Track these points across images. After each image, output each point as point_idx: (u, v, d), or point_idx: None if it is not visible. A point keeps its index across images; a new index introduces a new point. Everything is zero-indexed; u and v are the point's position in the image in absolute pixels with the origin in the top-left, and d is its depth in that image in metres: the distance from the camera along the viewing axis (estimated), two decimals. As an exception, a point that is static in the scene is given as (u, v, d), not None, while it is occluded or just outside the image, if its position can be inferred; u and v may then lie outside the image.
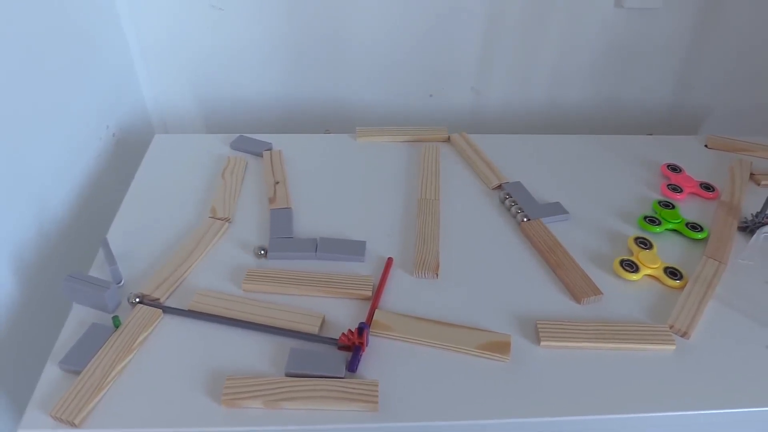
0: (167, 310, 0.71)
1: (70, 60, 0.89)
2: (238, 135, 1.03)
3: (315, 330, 0.69)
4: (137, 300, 0.72)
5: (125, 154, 1.06)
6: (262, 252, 0.78)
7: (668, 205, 0.90)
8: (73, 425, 0.59)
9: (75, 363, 0.64)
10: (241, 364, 0.66)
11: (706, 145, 1.07)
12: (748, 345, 0.71)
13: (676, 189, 0.94)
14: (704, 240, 0.85)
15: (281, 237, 0.82)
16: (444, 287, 0.77)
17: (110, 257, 0.77)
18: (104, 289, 0.70)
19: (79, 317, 0.71)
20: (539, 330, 0.70)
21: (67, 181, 0.88)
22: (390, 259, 0.79)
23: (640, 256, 0.80)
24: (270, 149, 1.01)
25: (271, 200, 0.89)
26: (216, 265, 0.79)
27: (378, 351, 0.68)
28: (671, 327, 0.72)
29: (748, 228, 0.87)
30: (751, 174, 0.99)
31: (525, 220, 0.86)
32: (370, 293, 0.74)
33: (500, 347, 0.68)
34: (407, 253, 0.81)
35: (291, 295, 0.74)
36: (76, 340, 0.66)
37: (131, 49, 1.11)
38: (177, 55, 1.13)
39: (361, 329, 0.66)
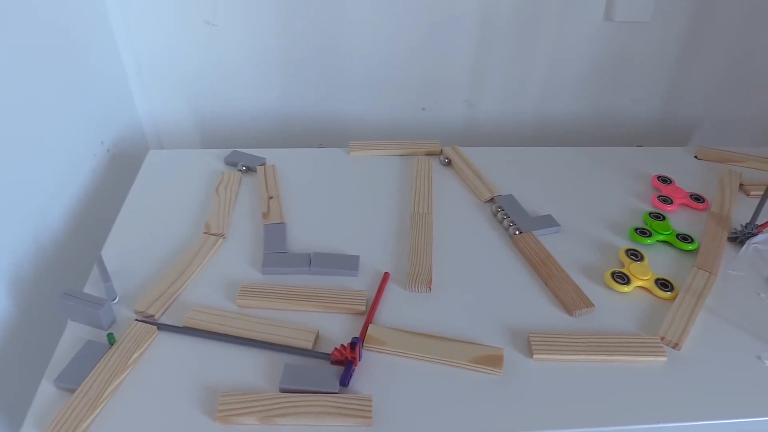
0: (162, 326, 0.72)
1: (64, 76, 0.90)
2: (232, 150, 1.04)
3: (309, 345, 0.69)
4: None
5: (120, 169, 1.06)
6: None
7: (659, 217, 0.91)
8: (68, 443, 0.59)
9: (70, 381, 0.64)
10: (235, 379, 0.66)
11: (695, 156, 1.08)
12: (739, 355, 0.71)
13: (666, 200, 0.95)
14: (695, 251, 0.86)
15: (275, 252, 0.83)
16: (437, 301, 0.77)
17: (105, 274, 0.78)
18: (99, 307, 0.70)
19: (74, 334, 0.71)
20: (531, 343, 0.70)
21: (62, 197, 0.89)
22: (386, 274, 0.80)
23: (631, 267, 0.81)
24: (264, 164, 1.01)
25: (265, 215, 0.90)
26: (210, 280, 0.79)
27: (372, 366, 0.68)
28: (662, 338, 0.72)
29: (738, 239, 0.88)
30: (741, 185, 1.00)
31: (517, 233, 0.87)
32: (363, 308, 0.75)
33: (493, 360, 0.68)
34: (400, 267, 0.82)
35: (285, 311, 0.75)
36: (71, 357, 0.67)
37: (126, 65, 1.11)
38: (171, 70, 1.14)
39: (354, 344, 0.66)
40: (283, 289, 0.77)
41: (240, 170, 0.97)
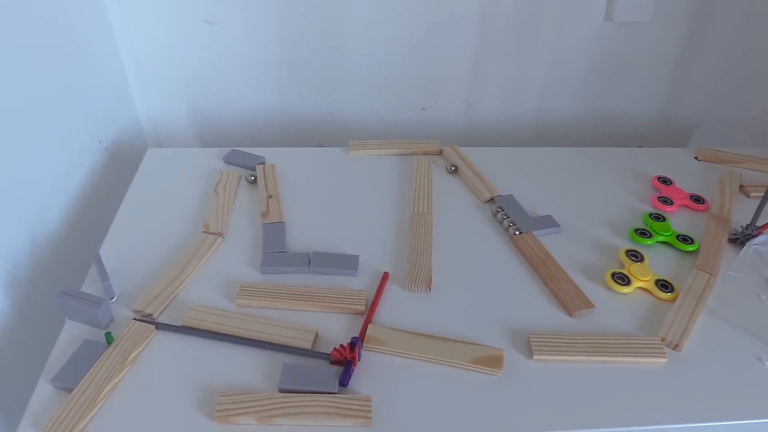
0: (160, 326, 0.71)
1: (63, 75, 0.90)
2: (231, 149, 1.03)
3: (308, 345, 0.69)
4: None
5: (118, 168, 1.06)
6: None
7: (659, 218, 0.90)
8: (65, 443, 0.59)
9: (67, 380, 0.64)
10: (234, 379, 0.66)
11: (695, 157, 1.08)
12: (739, 357, 0.71)
13: (666, 201, 0.95)
14: (695, 252, 0.86)
15: (274, 251, 0.82)
16: (437, 301, 0.77)
17: (103, 273, 0.77)
18: (97, 305, 0.69)
19: (71, 333, 0.71)
20: (531, 343, 0.70)
21: (60, 196, 0.88)
22: (386, 274, 0.79)
23: (632, 268, 0.81)
24: (263, 163, 1.01)
25: (264, 214, 0.89)
26: (209, 280, 0.79)
27: (371, 366, 0.68)
28: (663, 340, 0.72)
29: (738, 240, 0.88)
30: (741, 186, 1.00)
31: (517, 233, 0.87)
32: (363, 308, 0.74)
33: (493, 361, 0.68)
34: (400, 266, 0.82)
35: (284, 310, 0.74)
36: (69, 356, 0.66)
37: (125, 64, 1.11)
38: (171, 69, 1.13)
39: (353, 344, 0.66)
40: (282, 289, 0.76)
41: (248, 179, 0.96)
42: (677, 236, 0.87)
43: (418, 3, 1.09)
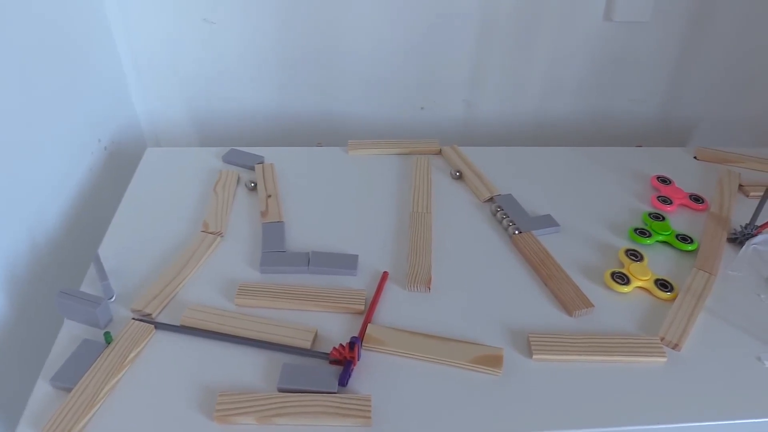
0: (159, 325, 0.71)
1: (62, 74, 0.89)
2: (230, 148, 1.03)
3: (307, 345, 0.69)
4: None
5: (117, 168, 1.05)
6: None
7: (658, 217, 0.90)
8: (64, 443, 0.58)
9: (66, 380, 0.64)
10: (233, 379, 0.66)
11: (695, 157, 1.08)
12: (739, 356, 0.71)
13: (665, 201, 0.95)
14: (694, 252, 0.86)
15: (273, 251, 0.82)
16: (436, 301, 0.77)
17: (102, 272, 0.77)
18: (95, 305, 0.69)
19: (70, 333, 0.70)
20: (531, 343, 0.70)
21: (59, 195, 0.88)
22: (385, 274, 0.79)
23: (631, 268, 0.81)
24: (262, 162, 1.01)
25: (263, 214, 0.89)
26: (208, 279, 0.79)
27: (371, 366, 0.68)
28: (662, 339, 0.72)
29: (738, 239, 0.88)
30: (740, 185, 1.00)
31: (516, 232, 0.87)
32: (362, 307, 0.74)
33: (493, 361, 0.68)
34: (399, 266, 0.82)
35: (283, 310, 0.74)
36: (68, 356, 0.66)
37: (123, 63, 1.11)
38: (169, 68, 1.13)
39: (353, 343, 0.66)
40: (282, 289, 0.76)
41: (248, 186, 0.96)
42: (677, 236, 0.87)
43: (418, 3, 1.09)
